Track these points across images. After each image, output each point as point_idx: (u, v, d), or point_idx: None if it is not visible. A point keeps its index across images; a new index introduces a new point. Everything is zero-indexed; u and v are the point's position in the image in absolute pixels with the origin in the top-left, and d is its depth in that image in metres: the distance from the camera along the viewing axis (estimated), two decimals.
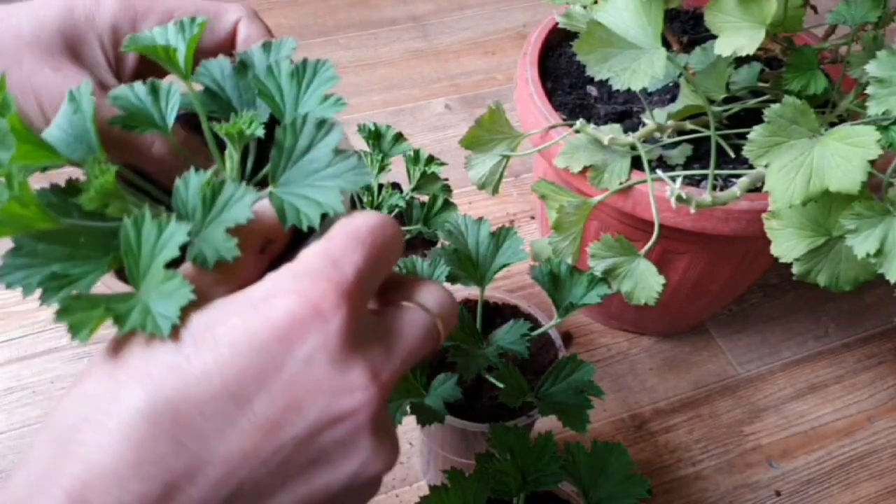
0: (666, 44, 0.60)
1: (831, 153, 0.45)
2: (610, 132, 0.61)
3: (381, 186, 0.67)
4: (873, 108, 0.45)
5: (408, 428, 0.76)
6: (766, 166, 0.47)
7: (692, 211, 0.54)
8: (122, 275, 0.30)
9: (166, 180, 0.35)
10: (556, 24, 0.71)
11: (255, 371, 0.26)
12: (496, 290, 0.63)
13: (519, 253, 0.55)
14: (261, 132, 0.32)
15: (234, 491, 0.26)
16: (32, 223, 0.27)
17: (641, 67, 0.50)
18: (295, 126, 0.31)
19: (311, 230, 0.30)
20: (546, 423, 0.73)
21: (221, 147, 0.34)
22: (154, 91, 0.33)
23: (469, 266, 0.56)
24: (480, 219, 0.57)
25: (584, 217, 0.57)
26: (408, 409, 0.51)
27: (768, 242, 0.51)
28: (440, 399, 0.51)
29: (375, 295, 0.32)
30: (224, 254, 0.28)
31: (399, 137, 0.67)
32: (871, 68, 0.46)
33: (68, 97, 0.31)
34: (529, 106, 0.67)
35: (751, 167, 0.58)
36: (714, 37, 0.56)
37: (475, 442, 0.57)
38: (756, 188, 0.56)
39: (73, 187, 0.30)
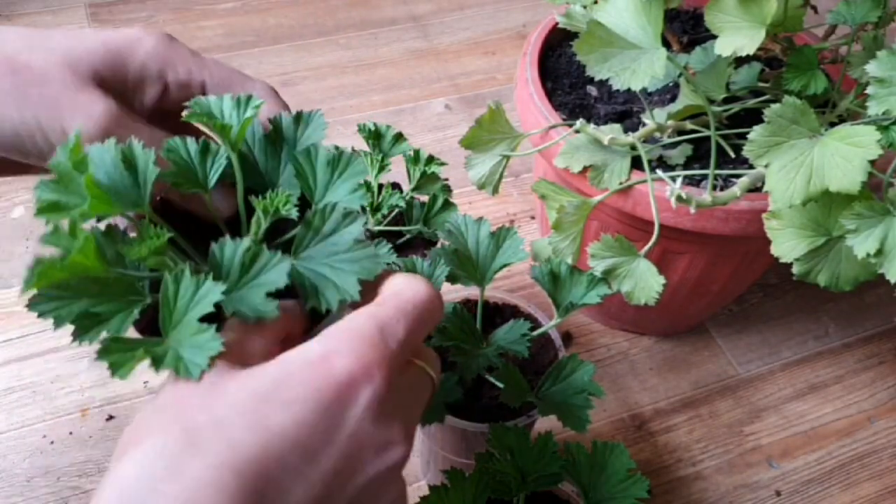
0: (666, 44, 0.60)
1: (831, 153, 0.45)
2: (610, 132, 0.61)
3: (381, 186, 0.67)
4: (873, 108, 0.45)
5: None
6: (766, 166, 0.47)
7: (692, 211, 0.54)
8: (139, 325, 0.33)
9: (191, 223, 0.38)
10: (556, 24, 0.71)
11: (323, 427, 0.29)
12: (496, 290, 0.63)
13: (519, 253, 0.55)
14: (294, 213, 0.35)
15: None
16: (88, 270, 0.30)
17: (641, 67, 0.50)
18: (325, 211, 0.35)
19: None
20: (546, 423, 0.73)
21: (248, 211, 0.37)
22: (205, 151, 0.36)
23: (469, 266, 0.56)
24: (480, 219, 0.57)
25: (584, 217, 0.57)
26: None
27: (768, 242, 0.51)
28: (440, 399, 0.51)
29: None
30: (264, 313, 0.31)
31: (399, 137, 0.67)
32: (872, 68, 0.46)
33: (121, 154, 0.33)
34: (529, 106, 0.67)
35: (751, 167, 0.58)
36: (714, 37, 0.56)
37: (475, 442, 0.57)
38: (756, 188, 0.56)
39: (119, 235, 0.32)
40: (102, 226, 0.32)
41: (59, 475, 0.71)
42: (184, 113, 0.35)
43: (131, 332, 0.31)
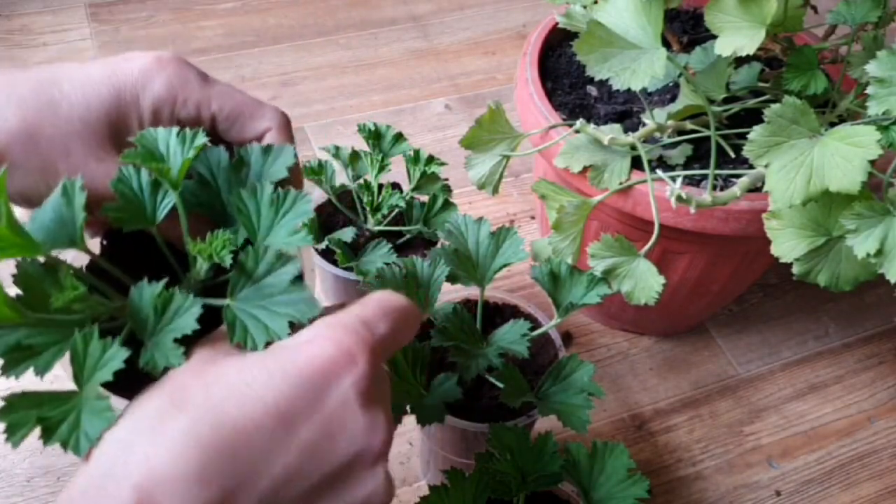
0: (666, 44, 0.60)
1: (831, 153, 0.45)
2: (610, 132, 0.61)
3: (381, 186, 0.67)
4: (873, 108, 0.45)
5: (408, 428, 0.76)
6: (766, 166, 0.47)
7: (692, 211, 0.54)
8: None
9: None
10: (556, 24, 0.71)
11: (302, 400, 0.30)
12: (496, 290, 0.63)
13: (519, 253, 0.55)
14: (228, 260, 0.35)
15: None
16: (4, 319, 0.30)
17: (641, 67, 0.50)
18: (257, 253, 0.35)
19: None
20: (546, 423, 0.73)
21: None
22: (157, 185, 0.36)
23: (469, 266, 0.56)
24: (480, 219, 0.57)
25: (584, 217, 0.57)
26: (408, 409, 0.51)
27: (768, 242, 0.51)
28: (440, 399, 0.51)
29: None
30: (172, 361, 0.31)
31: (399, 137, 0.67)
32: (872, 68, 0.46)
33: (61, 189, 0.33)
34: (529, 106, 0.67)
35: (751, 167, 0.58)
36: (714, 37, 0.56)
37: (475, 442, 0.57)
38: (756, 188, 0.56)
39: (62, 271, 0.32)
40: (38, 262, 0.32)
41: (59, 475, 0.71)
42: (121, 154, 0.35)
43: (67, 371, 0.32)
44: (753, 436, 0.79)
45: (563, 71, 0.74)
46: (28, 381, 0.32)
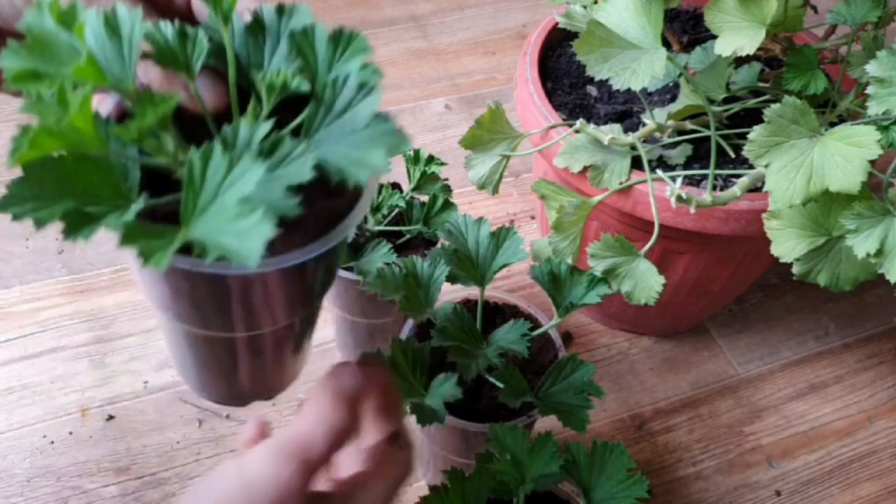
0: (666, 44, 0.60)
1: (831, 153, 0.45)
2: (610, 132, 0.61)
3: (381, 186, 0.67)
4: (873, 108, 0.45)
5: (408, 428, 0.76)
6: (766, 166, 0.47)
7: (692, 211, 0.54)
8: None
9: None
10: (556, 24, 0.71)
11: None
12: (496, 290, 0.63)
13: (519, 253, 0.55)
14: (306, 86, 0.30)
15: None
16: (84, 144, 0.25)
17: (641, 67, 0.50)
18: (336, 83, 0.30)
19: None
20: (546, 423, 0.73)
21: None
22: (183, 35, 0.31)
23: (469, 266, 0.56)
24: (480, 219, 0.57)
25: (584, 217, 0.57)
26: (408, 409, 0.51)
27: (768, 242, 0.51)
28: (440, 399, 0.51)
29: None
30: (285, 210, 0.26)
31: None
32: (871, 68, 0.46)
33: (104, 21, 0.28)
34: (529, 106, 0.67)
35: (751, 167, 0.58)
36: (714, 37, 0.56)
37: (475, 442, 0.57)
38: (756, 188, 0.56)
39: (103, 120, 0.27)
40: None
41: (59, 475, 0.71)
42: None
43: None
44: (753, 436, 0.79)
45: (563, 71, 0.74)
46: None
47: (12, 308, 0.83)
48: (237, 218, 0.24)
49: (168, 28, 0.31)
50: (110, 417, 0.75)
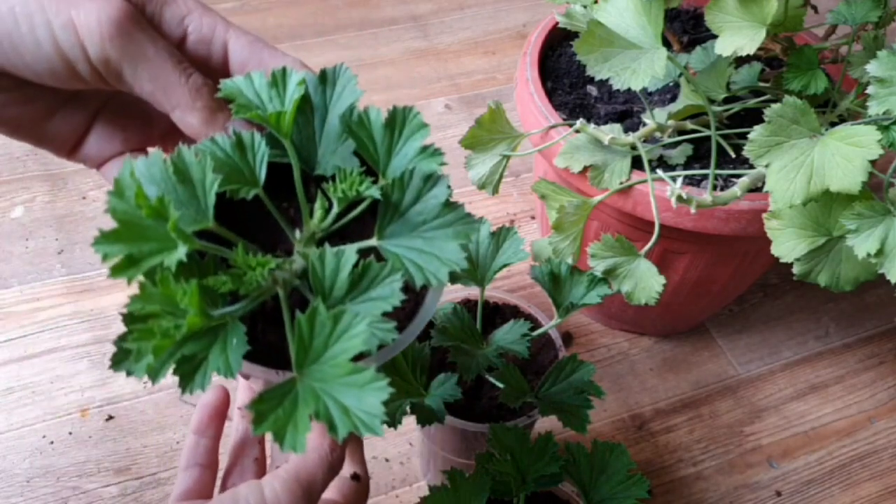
0: (666, 43, 0.60)
1: (832, 153, 0.45)
2: (610, 132, 0.61)
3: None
4: (874, 108, 0.45)
5: (408, 428, 0.76)
6: (766, 166, 0.47)
7: (692, 211, 0.54)
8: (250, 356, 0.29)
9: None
10: (556, 24, 0.71)
11: None
12: (496, 290, 0.63)
13: (519, 253, 0.55)
14: (376, 192, 0.31)
15: None
16: (197, 328, 0.27)
17: (642, 67, 0.50)
18: (403, 179, 0.31)
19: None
20: (546, 423, 0.73)
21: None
22: (240, 146, 0.31)
23: (469, 266, 0.56)
24: (480, 219, 0.57)
25: (585, 217, 0.57)
26: (408, 409, 0.51)
27: (768, 242, 0.51)
28: (440, 399, 0.51)
29: None
30: (384, 339, 0.28)
31: None
32: (872, 68, 0.46)
33: (172, 167, 0.29)
34: (529, 106, 0.67)
35: (751, 167, 0.58)
36: (714, 36, 0.56)
37: (475, 442, 0.57)
38: (756, 188, 0.56)
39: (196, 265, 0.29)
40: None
41: (59, 475, 0.71)
42: (230, 106, 0.32)
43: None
44: (754, 436, 0.79)
45: (563, 71, 0.74)
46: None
47: (12, 308, 0.83)
48: (352, 375, 0.26)
49: (223, 141, 0.31)
50: (110, 417, 0.75)
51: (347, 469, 0.45)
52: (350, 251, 0.29)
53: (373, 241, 0.31)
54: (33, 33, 0.30)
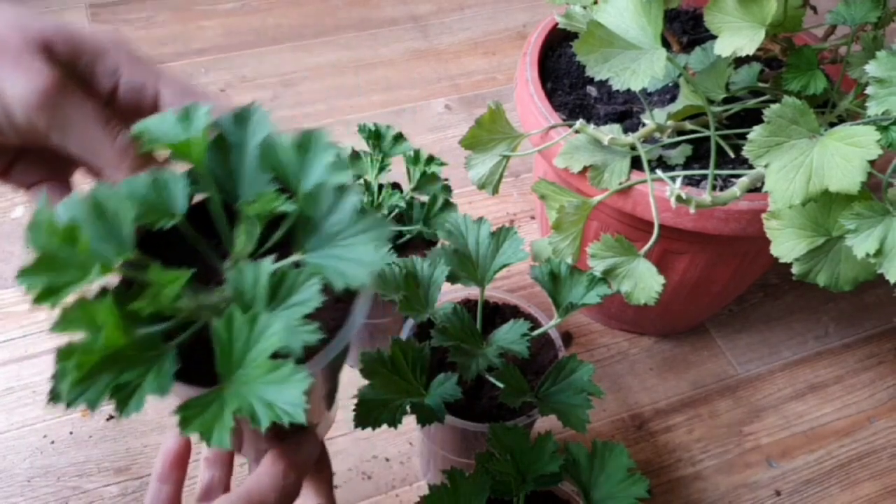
0: (666, 44, 0.60)
1: (831, 153, 0.45)
2: (610, 132, 0.61)
3: (381, 186, 0.67)
4: (873, 109, 0.45)
5: (408, 428, 0.76)
6: (765, 166, 0.47)
7: (692, 211, 0.54)
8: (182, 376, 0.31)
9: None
10: (556, 24, 0.71)
11: None
12: (496, 290, 0.63)
13: (519, 253, 0.55)
14: (291, 206, 0.32)
15: None
16: (118, 345, 0.28)
17: (641, 68, 0.50)
18: (315, 194, 0.33)
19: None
20: (546, 423, 0.73)
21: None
22: (157, 182, 0.33)
23: (469, 266, 0.56)
24: (480, 219, 0.57)
25: (584, 217, 0.57)
26: (408, 409, 0.51)
27: (768, 242, 0.51)
28: (440, 399, 0.51)
29: None
30: (308, 340, 0.30)
31: (399, 137, 0.67)
32: (871, 68, 0.46)
33: (92, 204, 0.30)
34: (529, 106, 0.67)
35: (751, 167, 0.58)
36: (714, 37, 0.56)
37: (475, 442, 0.57)
38: (756, 188, 0.56)
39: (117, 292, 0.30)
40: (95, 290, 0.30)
41: (59, 475, 0.71)
42: (138, 145, 0.33)
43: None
44: (753, 436, 0.79)
45: (563, 71, 0.74)
46: None
47: (12, 308, 0.83)
48: (272, 372, 0.28)
49: (141, 179, 0.32)
50: (110, 417, 0.75)
51: (313, 502, 0.44)
52: (266, 262, 0.31)
53: (296, 257, 0.33)
54: None
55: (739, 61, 0.66)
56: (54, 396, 0.27)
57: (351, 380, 0.79)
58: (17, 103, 0.31)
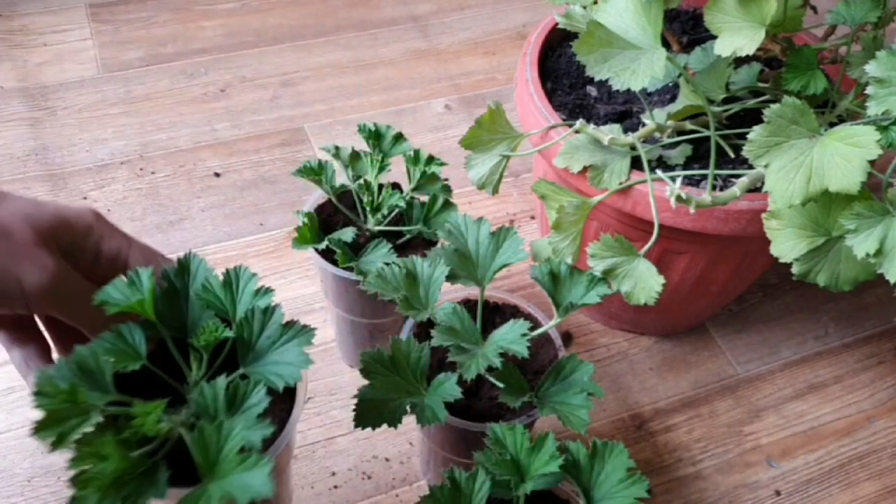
0: (666, 44, 0.60)
1: (831, 153, 0.45)
2: (610, 132, 0.61)
3: (381, 186, 0.67)
4: (873, 109, 0.45)
5: (408, 428, 0.76)
6: (765, 166, 0.47)
7: (692, 211, 0.54)
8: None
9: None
10: (556, 24, 0.71)
11: None
12: (496, 290, 0.63)
13: (519, 253, 0.55)
14: (230, 333, 0.43)
15: None
16: (123, 468, 0.37)
17: (641, 68, 0.50)
18: (247, 318, 0.43)
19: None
20: (546, 423, 0.73)
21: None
22: (120, 337, 0.42)
23: (469, 266, 0.56)
24: (480, 219, 0.57)
25: (584, 217, 0.57)
26: (408, 409, 0.51)
27: (768, 242, 0.51)
28: (440, 399, 0.51)
29: None
30: (265, 433, 0.39)
31: (399, 137, 0.67)
32: (871, 68, 0.46)
33: (75, 364, 0.39)
34: (529, 106, 0.67)
35: (751, 167, 0.58)
36: (714, 37, 0.56)
37: (475, 442, 0.57)
38: (756, 188, 0.56)
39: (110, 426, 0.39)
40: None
41: (60, 475, 0.71)
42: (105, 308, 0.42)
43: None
44: (753, 435, 0.79)
45: (563, 71, 0.74)
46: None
47: None
48: (241, 463, 0.37)
49: (108, 339, 0.42)
50: None
51: None
52: (220, 379, 0.41)
53: (241, 371, 0.43)
54: None
55: (739, 61, 0.66)
56: None
57: (351, 380, 0.79)
58: (33, 290, 0.41)
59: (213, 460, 0.37)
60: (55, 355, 0.47)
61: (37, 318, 0.47)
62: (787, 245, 0.50)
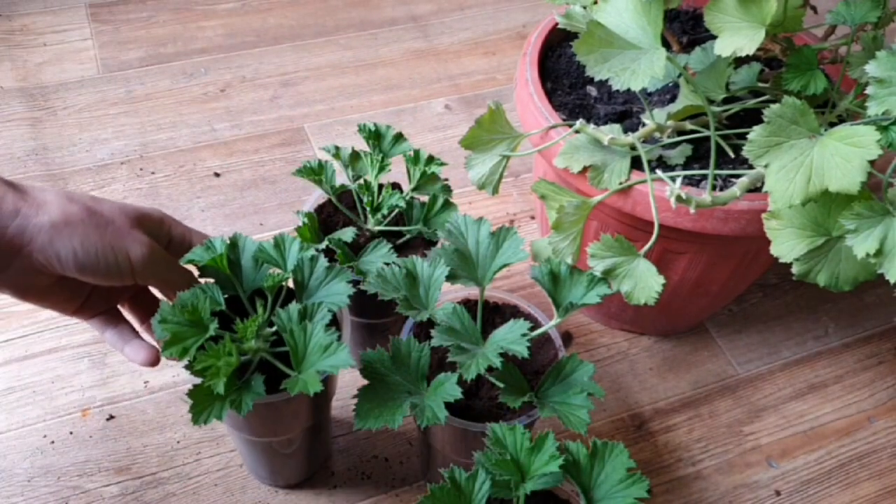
0: (666, 44, 0.60)
1: (831, 153, 0.45)
2: (610, 132, 0.61)
3: (381, 186, 0.67)
4: (873, 108, 0.45)
5: (408, 428, 0.76)
6: (765, 166, 0.47)
7: (692, 211, 0.54)
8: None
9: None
10: (556, 24, 0.71)
11: None
12: (496, 290, 0.63)
13: (519, 253, 0.55)
14: (288, 275, 0.55)
15: None
16: (235, 365, 0.50)
17: (641, 68, 0.50)
18: (300, 265, 0.56)
19: None
20: (546, 423, 0.73)
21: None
22: (202, 290, 0.54)
23: (469, 266, 0.56)
24: (480, 219, 0.57)
25: (584, 217, 0.57)
26: (408, 409, 0.51)
27: (768, 242, 0.51)
28: (440, 399, 0.51)
29: None
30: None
31: (399, 137, 0.67)
32: (871, 68, 0.46)
33: (180, 307, 0.50)
34: (529, 106, 0.67)
35: (751, 167, 0.58)
36: (714, 37, 0.56)
37: (475, 442, 0.57)
38: (756, 188, 0.56)
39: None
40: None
41: (60, 475, 0.71)
42: (192, 265, 0.56)
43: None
44: (753, 435, 0.79)
45: (563, 71, 0.74)
46: None
47: (12, 308, 0.83)
48: (325, 350, 0.50)
49: (208, 290, 0.54)
50: (110, 417, 0.75)
51: None
52: (293, 304, 0.53)
53: (299, 305, 0.53)
54: (105, 259, 0.51)
55: (739, 61, 0.66)
56: (197, 414, 0.49)
57: (351, 380, 0.79)
58: (137, 261, 0.53)
59: (303, 354, 0.50)
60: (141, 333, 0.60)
61: (119, 307, 0.60)
62: (787, 245, 0.50)
